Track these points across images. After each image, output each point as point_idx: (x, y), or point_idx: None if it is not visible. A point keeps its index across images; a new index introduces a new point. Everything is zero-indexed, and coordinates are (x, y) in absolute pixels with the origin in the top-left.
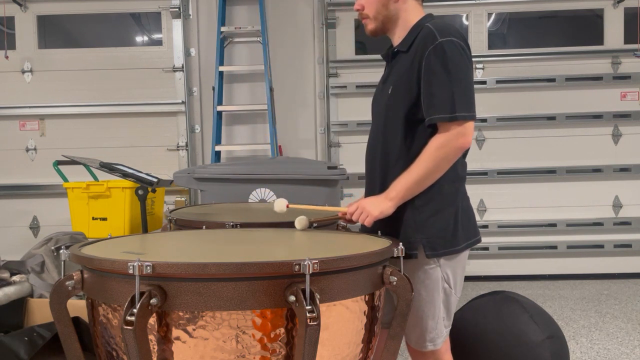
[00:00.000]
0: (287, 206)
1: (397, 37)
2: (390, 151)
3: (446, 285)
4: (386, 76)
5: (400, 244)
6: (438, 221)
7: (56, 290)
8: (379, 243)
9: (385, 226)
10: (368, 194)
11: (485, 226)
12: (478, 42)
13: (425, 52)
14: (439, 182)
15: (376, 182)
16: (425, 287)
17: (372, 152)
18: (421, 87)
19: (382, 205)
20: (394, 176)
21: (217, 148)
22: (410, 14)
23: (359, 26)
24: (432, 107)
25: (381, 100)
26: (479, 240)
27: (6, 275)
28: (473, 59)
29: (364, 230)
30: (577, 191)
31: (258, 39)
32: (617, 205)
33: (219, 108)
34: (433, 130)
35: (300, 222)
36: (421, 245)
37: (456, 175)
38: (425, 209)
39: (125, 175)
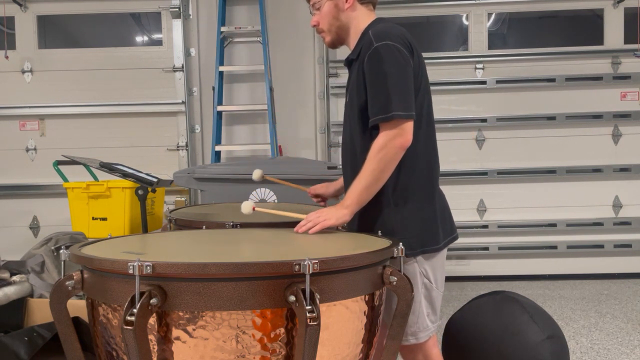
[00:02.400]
0: (254, 209)
1: (352, 45)
2: (356, 156)
3: (426, 280)
4: (347, 84)
5: (401, 243)
6: (416, 221)
7: (56, 290)
8: (379, 243)
9: (365, 228)
10: None
11: (485, 226)
12: (478, 42)
13: (364, 58)
14: (415, 182)
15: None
16: None
17: (343, 157)
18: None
19: (338, 213)
20: None
21: (217, 148)
22: (361, 21)
23: None
24: (372, 109)
25: (345, 107)
26: (456, 237)
27: (6, 275)
28: (473, 59)
29: (363, 230)
30: (577, 191)
31: (258, 39)
32: (617, 205)
33: (219, 108)
34: None
35: (245, 207)
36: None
37: (431, 174)
38: (403, 209)
39: (125, 175)
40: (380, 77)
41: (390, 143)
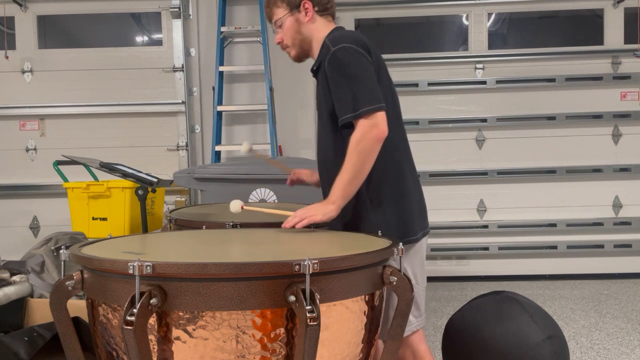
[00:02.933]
0: (242, 207)
1: (315, 55)
2: (329, 157)
3: None
4: (315, 93)
5: (401, 243)
6: (392, 215)
7: (56, 290)
8: (379, 243)
9: (347, 226)
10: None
11: (485, 226)
12: (478, 42)
13: (325, 65)
14: (388, 178)
15: (325, 188)
16: None
17: (318, 159)
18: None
19: (324, 209)
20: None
21: (217, 148)
22: (321, 32)
23: (359, 26)
24: (340, 110)
25: (316, 114)
26: (428, 232)
27: (6, 275)
28: (473, 59)
29: (362, 230)
30: (577, 191)
31: (258, 39)
32: (617, 205)
33: (219, 108)
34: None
35: (234, 205)
36: None
37: (402, 168)
38: (379, 204)
39: (125, 175)
40: (342, 78)
41: (366, 135)
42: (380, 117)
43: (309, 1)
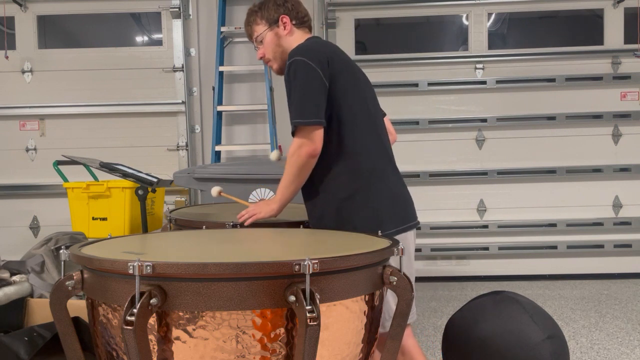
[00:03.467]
0: (220, 193)
1: None
2: None
3: None
4: None
5: (401, 243)
6: (361, 212)
7: (56, 290)
8: (379, 243)
9: (319, 224)
10: None
11: (485, 226)
12: (478, 42)
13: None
14: (358, 175)
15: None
16: None
17: None
18: None
19: (267, 208)
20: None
21: (217, 148)
22: (298, 43)
23: (359, 26)
24: (290, 119)
25: None
26: (414, 226)
27: (6, 275)
28: (473, 59)
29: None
30: (577, 191)
31: None
32: (617, 205)
33: (219, 108)
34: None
35: (214, 191)
36: None
37: (372, 166)
38: (348, 202)
39: (125, 175)
40: (289, 91)
41: (299, 151)
42: (316, 134)
43: (286, 15)
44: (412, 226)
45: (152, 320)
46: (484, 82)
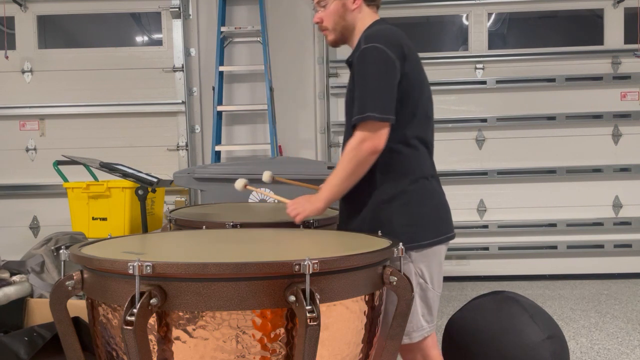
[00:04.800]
0: (246, 186)
1: (354, 45)
2: None
3: (421, 281)
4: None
5: (401, 243)
6: (402, 217)
7: (56, 290)
8: (379, 243)
9: (354, 226)
10: None
11: (485, 226)
12: (478, 42)
13: (355, 60)
14: (404, 179)
15: None
16: None
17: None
18: None
19: (313, 206)
20: None
21: (217, 148)
22: (365, 22)
23: None
24: (355, 109)
25: (345, 107)
26: (451, 237)
27: (6, 275)
28: (473, 59)
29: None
30: (577, 191)
31: (258, 39)
32: (617, 205)
33: (219, 108)
34: None
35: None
36: None
37: (421, 172)
38: (389, 206)
39: (125, 175)
40: (362, 79)
41: (360, 145)
42: (382, 129)
43: None
44: (450, 237)
45: (152, 320)
46: (484, 82)
